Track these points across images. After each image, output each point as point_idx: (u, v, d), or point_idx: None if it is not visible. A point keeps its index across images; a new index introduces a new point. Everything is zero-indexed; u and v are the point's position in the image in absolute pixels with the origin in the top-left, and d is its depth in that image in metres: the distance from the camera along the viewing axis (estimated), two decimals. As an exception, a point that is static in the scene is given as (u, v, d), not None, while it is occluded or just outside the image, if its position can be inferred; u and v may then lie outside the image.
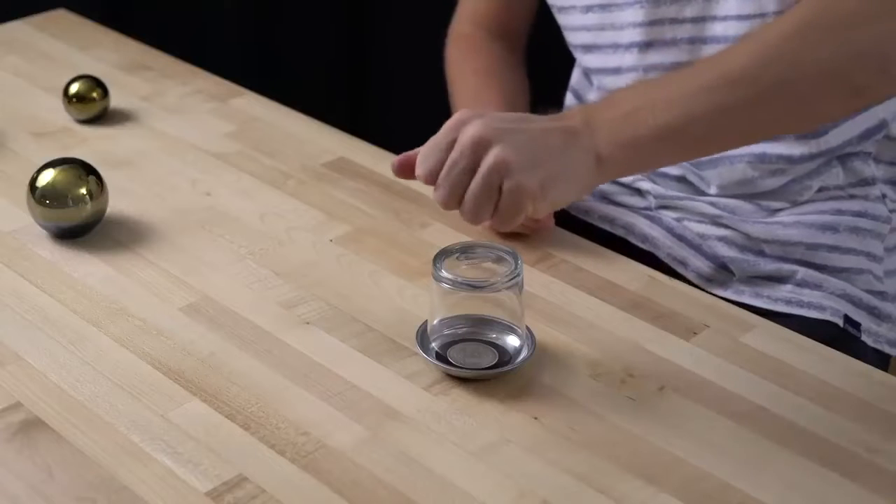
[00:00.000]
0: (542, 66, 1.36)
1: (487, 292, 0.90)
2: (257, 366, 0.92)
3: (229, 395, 0.89)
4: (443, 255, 0.91)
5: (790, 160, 1.12)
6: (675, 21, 1.12)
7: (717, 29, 1.10)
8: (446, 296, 0.90)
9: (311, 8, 2.04)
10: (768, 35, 0.94)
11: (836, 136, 1.12)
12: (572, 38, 1.22)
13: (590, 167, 0.92)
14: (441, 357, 0.91)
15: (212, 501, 0.79)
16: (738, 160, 1.13)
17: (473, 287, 0.89)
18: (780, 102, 0.94)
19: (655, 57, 1.14)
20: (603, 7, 1.15)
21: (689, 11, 1.11)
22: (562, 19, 1.22)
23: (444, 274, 0.89)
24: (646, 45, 1.13)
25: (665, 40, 1.13)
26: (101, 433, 0.85)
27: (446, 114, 1.31)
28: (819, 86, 0.93)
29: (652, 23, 1.12)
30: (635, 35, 1.14)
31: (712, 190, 1.16)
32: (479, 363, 0.91)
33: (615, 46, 1.16)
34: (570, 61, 1.30)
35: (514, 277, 0.89)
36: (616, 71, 1.17)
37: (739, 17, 1.08)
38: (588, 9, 1.16)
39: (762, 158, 1.12)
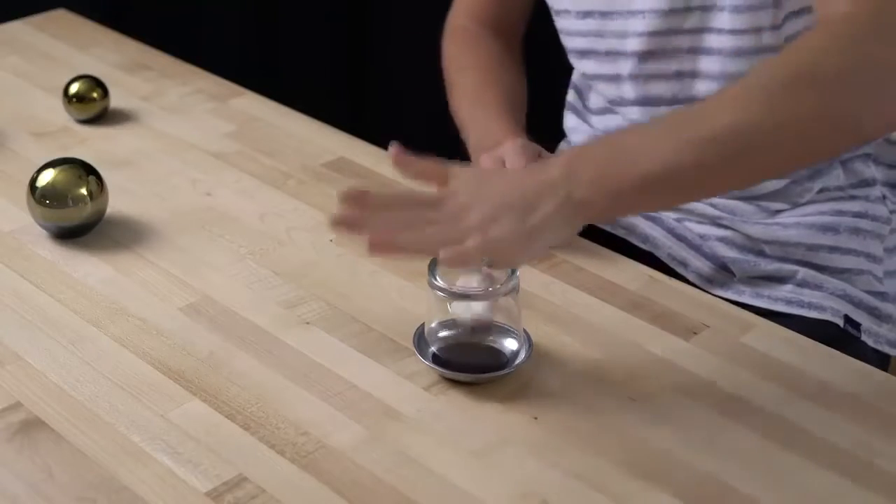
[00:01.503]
0: (542, 66, 1.36)
1: (483, 300, 0.90)
2: (257, 366, 0.92)
3: (229, 395, 0.89)
4: (437, 261, 0.90)
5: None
6: (674, 32, 1.12)
7: (713, 41, 1.10)
8: (442, 301, 0.90)
9: (311, 8, 2.04)
10: (755, 91, 0.93)
11: None
12: (568, 43, 1.21)
13: (570, 214, 0.92)
14: (438, 360, 0.91)
15: (212, 501, 0.79)
16: None
17: (468, 297, 0.89)
18: (762, 158, 0.93)
19: (654, 66, 1.13)
20: (603, 14, 1.15)
21: (686, 23, 1.11)
22: (558, 22, 1.21)
23: (439, 283, 0.89)
24: (646, 54, 1.13)
25: (665, 50, 1.13)
26: (101, 433, 0.85)
27: (446, 113, 1.32)
28: (800, 144, 0.93)
29: (653, 33, 1.12)
30: (637, 44, 1.13)
31: (713, 194, 1.16)
32: (476, 367, 0.90)
33: (614, 54, 1.16)
34: (569, 63, 1.29)
35: (510, 283, 0.89)
36: (614, 78, 1.17)
37: (733, 31, 1.08)
38: (585, 14, 1.16)
39: None
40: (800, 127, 0.91)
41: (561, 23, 1.20)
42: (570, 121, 1.31)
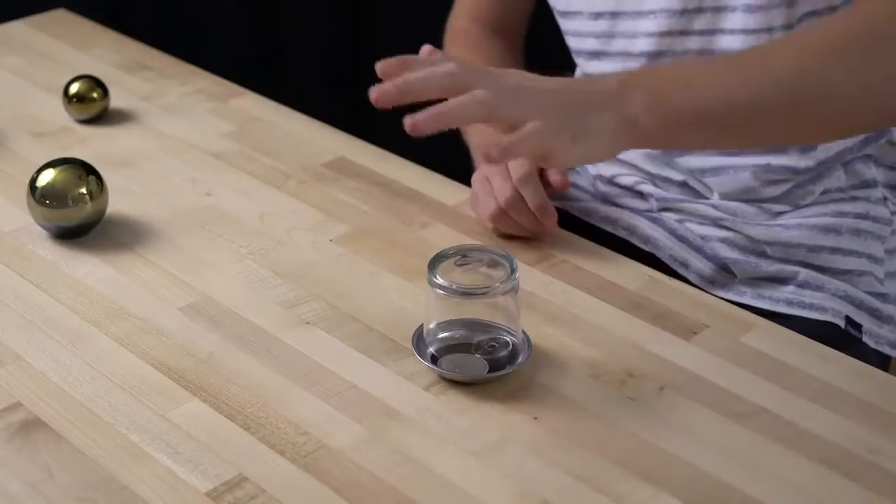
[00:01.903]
0: (542, 66, 1.36)
1: (482, 299, 0.90)
2: (257, 366, 0.92)
3: (229, 395, 0.89)
4: (437, 260, 0.90)
5: (794, 171, 1.12)
6: (684, 33, 1.11)
7: (725, 42, 1.10)
8: (442, 300, 0.90)
9: (311, 8, 2.04)
10: (811, 44, 0.95)
11: (838, 144, 1.13)
12: (577, 44, 1.21)
13: (617, 129, 0.91)
14: (437, 361, 0.91)
15: (212, 501, 0.79)
16: (743, 170, 1.13)
17: (468, 294, 0.89)
18: (824, 109, 0.95)
19: None
20: (613, 15, 1.15)
21: (697, 24, 1.11)
22: (566, 24, 1.21)
23: (439, 280, 0.89)
24: (656, 55, 1.13)
25: (674, 51, 1.13)
26: (101, 433, 0.85)
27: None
28: (849, 106, 0.95)
29: (663, 34, 1.12)
30: (646, 45, 1.13)
31: (714, 197, 1.16)
32: (475, 367, 0.90)
33: (624, 55, 1.16)
34: (571, 63, 1.29)
35: (510, 283, 0.89)
36: None
37: (746, 31, 1.08)
38: (597, 15, 1.16)
39: (767, 169, 1.12)
40: (864, 82, 0.93)
41: (570, 24, 1.20)
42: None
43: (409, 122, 0.87)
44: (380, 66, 0.92)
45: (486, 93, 0.89)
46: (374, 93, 0.89)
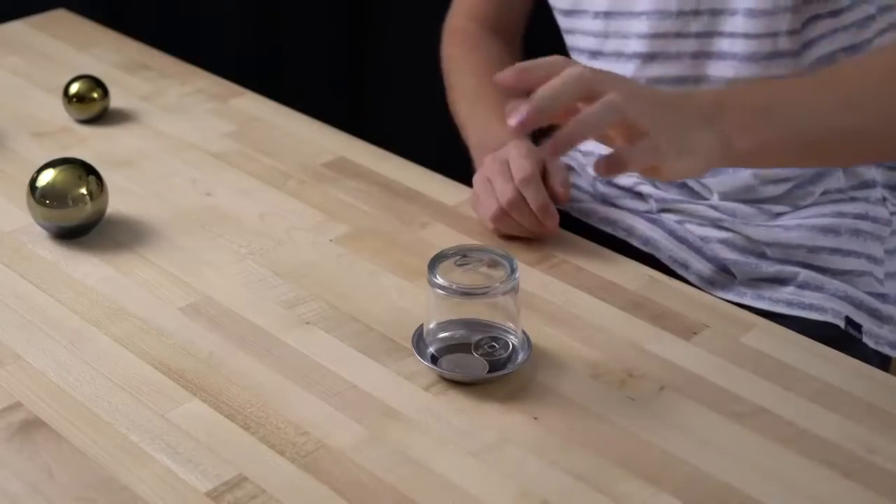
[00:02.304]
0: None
1: (482, 299, 0.89)
2: (257, 366, 0.92)
3: (229, 395, 0.89)
4: (437, 260, 0.91)
5: (794, 171, 1.12)
6: (679, 35, 1.11)
7: (724, 45, 1.09)
8: (442, 300, 0.90)
9: (311, 8, 2.04)
10: (891, 66, 0.97)
11: None
12: (576, 42, 1.21)
13: (713, 148, 0.91)
14: (437, 361, 0.91)
15: (212, 501, 0.79)
16: (742, 169, 1.13)
17: (468, 294, 0.89)
18: (888, 132, 0.97)
19: (658, 69, 1.13)
20: (607, 14, 1.15)
21: (694, 27, 1.10)
22: (569, 23, 1.21)
23: (439, 280, 0.89)
24: (650, 57, 1.13)
25: (669, 53, 1.12)
26: (101, 433, 0.85)
27: (446, 113, 1.31)
28: None
29: (656, 35, 1.12)
30: (639, 46, 1.13)
31: (714, 197, 1.16)
32: (475, 367, 0.90)
33: (618, 55, 1.16)
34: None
35: (510, 283, 0.89)
36: None
37: (747, 36, 1.08)
38: (596, 14, 1.16)
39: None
40: None
41: (571, 22, 1.20)
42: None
43: (549, 148, 0.85)
44: (499, 79, 0.89)
45: (617, 96, 0.86)
46: (515, 123, 0.86)
